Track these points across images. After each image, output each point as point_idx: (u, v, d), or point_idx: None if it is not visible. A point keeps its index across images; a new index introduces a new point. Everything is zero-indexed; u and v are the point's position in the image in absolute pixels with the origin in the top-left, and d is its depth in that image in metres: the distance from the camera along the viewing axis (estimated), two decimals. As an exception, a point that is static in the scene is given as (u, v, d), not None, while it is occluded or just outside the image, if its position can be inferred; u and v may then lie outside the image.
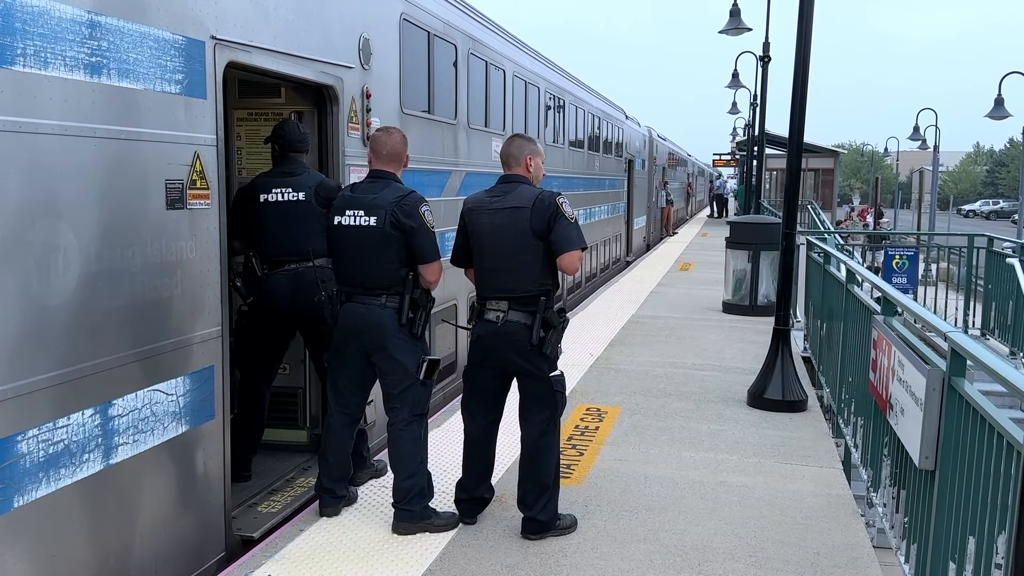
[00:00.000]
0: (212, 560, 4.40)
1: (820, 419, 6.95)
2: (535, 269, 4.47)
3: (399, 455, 4.63)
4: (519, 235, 4.45)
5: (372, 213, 4.50)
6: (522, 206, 4.46)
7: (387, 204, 4.49)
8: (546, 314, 4.46)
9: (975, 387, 3.38)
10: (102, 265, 3.57)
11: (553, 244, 4.43)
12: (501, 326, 4.48)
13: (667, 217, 30.00)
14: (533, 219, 4.42)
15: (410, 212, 4.50)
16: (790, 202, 7.31)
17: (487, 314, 4.53)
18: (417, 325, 4.58)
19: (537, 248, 4.44)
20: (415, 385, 4.59)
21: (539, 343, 4.45)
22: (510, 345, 4.48)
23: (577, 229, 4.50)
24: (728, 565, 4.31)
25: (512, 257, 4.47)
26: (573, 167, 14.32)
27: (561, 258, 4.46)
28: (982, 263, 11.67)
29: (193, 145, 4.12)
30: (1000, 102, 25.59)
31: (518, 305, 4.47)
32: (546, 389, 4.54)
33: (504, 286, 4.50)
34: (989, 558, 2.93)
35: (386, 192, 4.55)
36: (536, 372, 4.51)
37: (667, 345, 9.82)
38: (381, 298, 4.53)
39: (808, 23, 6.89)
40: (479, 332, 4.58)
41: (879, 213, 37.61)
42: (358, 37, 5.84)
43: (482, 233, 4.55)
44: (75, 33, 3.38)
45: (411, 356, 4.58)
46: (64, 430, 3.39)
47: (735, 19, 18.75)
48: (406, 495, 4.59)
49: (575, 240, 4.46)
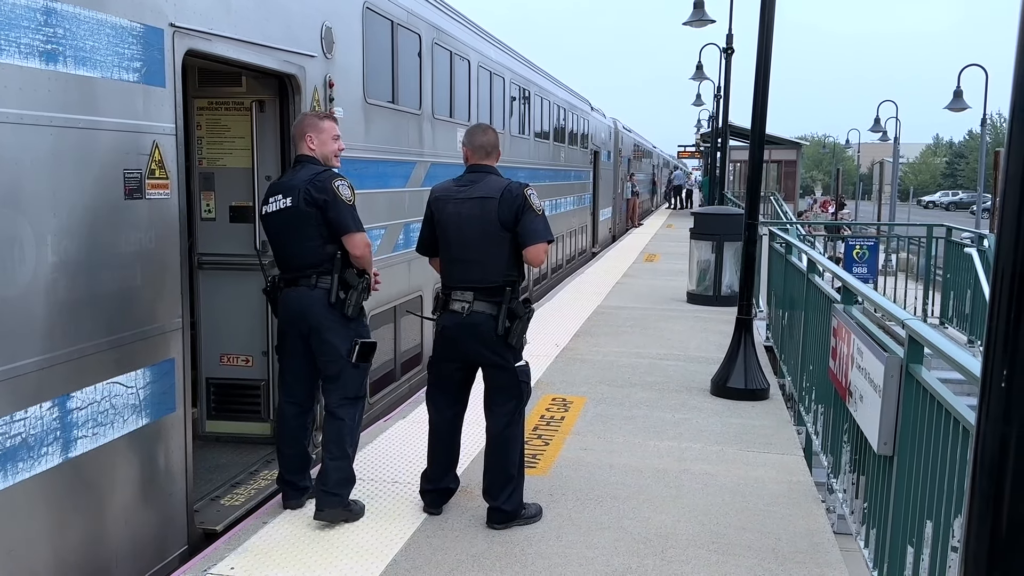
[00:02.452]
0: (174, 554, 4.36)
1: (782, 407, 7.02)
2: (501, 260, 4.46)
3: (329, 437, 4.58)
4: (486, 226, 4.44)
5: (288, 194, 4.50)
6: (490, 196, 4.46)
7: (301, 183, 4.48)
8: (512, 304, 4.46)
9: (933, 375, 3.43)
10: (59, 256, 3.51)
11: (520, 236, 4.44)
12: (466, 317, 4.46)
13: (633, 209, 30.16)
14: (501, 210, 4.42)
15: (323, 187, 4.46)
16: (752, 193, 7.37)
17: (452, 304, 4.51)
18: (348, 306, 4.53)
19: (504, 239, 4.44)
20: (347, 368, 4.55)
21: (505, 333, 4.45)
22: (475, 336, 4.48)
23: (544, 221, 4.51)
24: (690, 551, 4.36)
25: (479, 248, 4.46)
26: (539, 158, 14.33)
27: (527, 250, 4.47)
28: (941, 253, 11.85)
29: (152, 134, 4.07)
30: (959, 94, 26.02)
31: (484, 296, 4.46)
32: (512, 380, 4.54)
33: (470, 277, 4.49)
34: (946, 541, 2.98)
35: (302, 172, 4.55)
36: (502, 363, 4.51)
37: (632, 335, 9.87)
38: (311, 279, 4.50)
39: (770, 15, 6.94)
40: (444, 323, 4.56)
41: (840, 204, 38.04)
42: (321, 26, 5.79)
43: (448, 223, 4.53)
44: (30, 20, 3.32)
45: (342, 338, 4.54)
46: (21, 423, 3.34)
47: (699, 11, 18.85)
48: (331, 476, 4.52)
49: (542, 232, 4.47)
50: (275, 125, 5.68)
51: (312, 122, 4.69)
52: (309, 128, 4.66)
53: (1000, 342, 1.29)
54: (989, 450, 1.31)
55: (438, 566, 4.14)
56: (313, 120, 4.70)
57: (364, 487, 5.02)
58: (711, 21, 18.97)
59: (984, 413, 1.32)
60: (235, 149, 5.79)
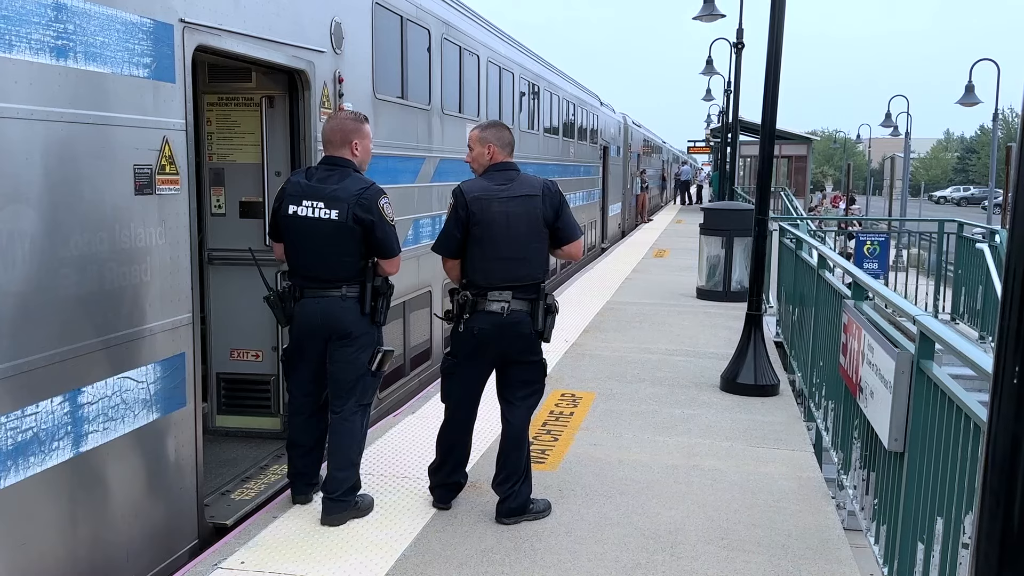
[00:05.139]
0: (185, 548, 4.38)
1: (792, 403, 7.01)
2: (544, 256, 4.55)
3: (339, 445, 4.54)
4: (532, 223, 4.47)
5: (333, 206, 4.35)
6: (534, 194, 4.49)
7: (349, 197, 4.35)
8: (548, 300, 4.53)
9: (944, 371, 3.42)
10: (69, 252, 3.53)
11: (561, 231, 4.54)
12: (507, 316, 4.44)
13: (642, 204, 30.10)
14: (544, 207, 4.48)
15: (369, 206, 4.36)
16: (763, 189, 7.35)
17: (489, 305, 4.44)
18: (379, 313, 4.53)
19: (545, 236, 4.52)
20: (366, 375, 4.54)
21: (542, 329, 4.51)
22: (515, 335, 4.48)
23: (575, 218, 4.65)
24: (700, 547, 4.35)
25: (526, 246, 4.47)
26: (548, 154, 14.31)
27: (569, 246, 4.61)
28: (952, 249, 11.79)
29: (162, 130, 4.08)
30: (971, 89, 25.87)
31: (521, 294, 4.47)
32: (539, 373, 4.63)
33: (515, 275, 4.46)
34: (956, 538, 2.97)
35: (348, 183, 4.40)
36: (535, 358, 4.59)
37: (641, 331, 9.86)
38: (340, 289, 4.43)
39: (780, 9, 6.91)
40: (480, 325, 4.45)
41: (851, 200, 37.90)
42: (330, 21, 5.79)
43: (495, 222, 4.43)
44: (41, 15, 3.33)
45: (368, 347, 4.52)
46: (33, 418, 3.36)
47: (709, 5, 18.78)
48: (340, 486, 4.50)
49: (577, 229, 4.64)
50: (284, 121, 5.68)
51: (357, 127, 4.53)
52: (355, 134, 4.50)
53: (1012, 338, 1.28)
54: (1000, 447, 1.31)
55: (447, 561, 4.15)
56: (358, 125, 4.54)
57: (373, 482, 5.03)
58: (721, 16, 18.89)
59: (996, 410, 1.31)
60: (245, 145, 5.80)
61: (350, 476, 4.55)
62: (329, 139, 4.51)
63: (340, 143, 4.48)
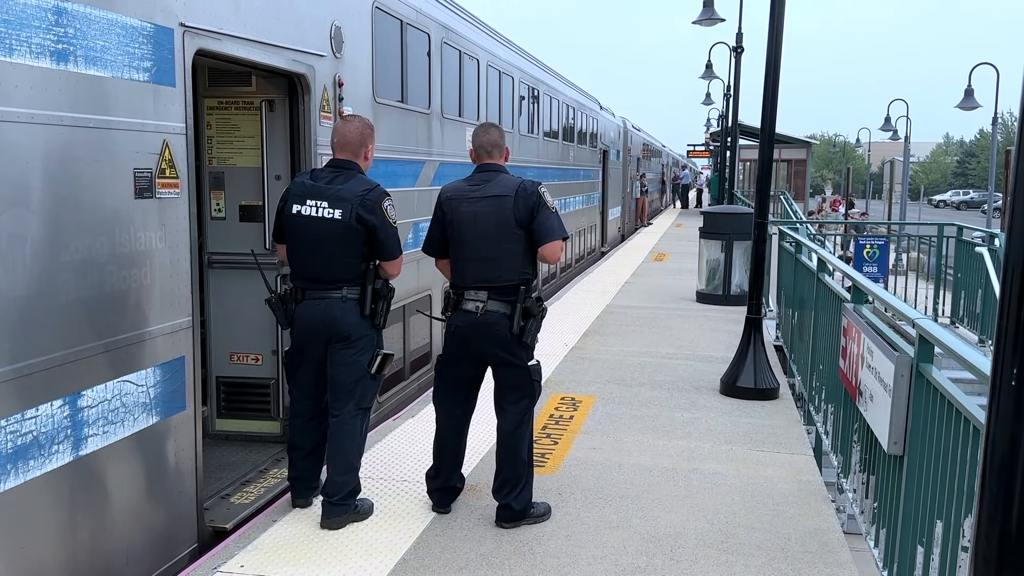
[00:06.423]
0: (184, 551, 4.38)
1: (791, 407, 7.01)
2: (517, 258, 4.47)
3: (339, 448, 4.54)
4: (502, 224, 4.44)
5: (337, 206, 4.38)
6: (505, 195, 4.46)
7: (353, 197, 4.38)
8: (526, 303, 4.46)
9: (944, 374, 3.42)
10: (69, 255, 3.53)
11: (535, 233, 4.45)
12: (480, 316, 4.46)
13: (642, 208, 30.11)
14: (516, 208, 4.43)
15: (373, 207, 4.39)
16: (762, 192, 7.36)
17: (465, 304, 4.49)
18: (379, 316, 4.53)
19: (519, 237, 4.45)
20: (366, 378, 4.54)
21: (519, 332, 4.45)
22: (490, 335, 4.47)
23: (558, 219, 4.54)
24: (700, 551, 4.35)
25: (495, 246, 4.45)
26: (548, 157, 14.32)
27: (544, 248, 4.49)
28: (952, 253, 11.80)
29: (162, 133, 4.08)
30: (970, 93, 25.88)
31: (498, 295, 4.46)
32: (525, 378, 4.55)
33: (486, 275, 4.47)
34: (956, 541, 2.97)
35: (352, 184, 4.43)
36: (515, 361, 4.51)
37: (641, 335, 9.86)
38: (341, 290, 4.44)
39: (780, 13, 6.92)
40: (456, 323, 4.54)
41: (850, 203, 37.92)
42: (330, 25, 5.80)
43: (463, 222, 4.50)
44: (41, 19, 3.34)
45: (368, 350, 4.53)
46: (32, 421, 3.36)
47: (708, 9, 18.78)
48: (340, 490, 4.50)
49: (557, 230, 4.50)
50: (284, 125, 5.69)
51: (371, 133, 4.61)
52: (370, 140, 4.59)
53: (1010, 341, 1.29)
54: (999, 450, 1.31)
55: (447, 565, 4.15)
56: (372, 132, 4.62)
57: (373, 485, 5.03)
58: (721, 20, 18.89)
59: (995, 413, 1.32)
60: (245, 148, 5.81)
61: (350, 480, 4.55)
62: (347, 141, 4.53)
63: (358, 146, 4.55)
